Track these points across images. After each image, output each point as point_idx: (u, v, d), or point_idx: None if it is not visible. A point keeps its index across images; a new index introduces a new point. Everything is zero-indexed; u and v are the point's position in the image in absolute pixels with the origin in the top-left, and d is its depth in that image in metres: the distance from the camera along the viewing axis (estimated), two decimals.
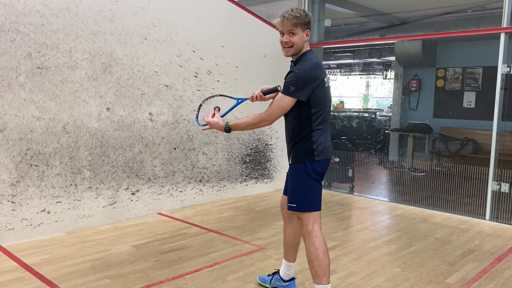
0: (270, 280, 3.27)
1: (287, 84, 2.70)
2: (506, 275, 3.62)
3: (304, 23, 2.73)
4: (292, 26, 2.72)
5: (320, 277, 2.76)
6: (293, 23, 2.72)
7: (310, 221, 2.78)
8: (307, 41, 2.82)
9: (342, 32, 8.87)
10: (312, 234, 2.77)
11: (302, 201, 2.77)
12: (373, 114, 10.99)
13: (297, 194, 2.79)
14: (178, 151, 5.38)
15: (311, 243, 2.77)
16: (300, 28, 2.73)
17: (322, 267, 2.76)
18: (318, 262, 2.76)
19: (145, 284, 3.28)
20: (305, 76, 2.67)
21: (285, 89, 2.71)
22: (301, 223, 2.82)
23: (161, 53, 5.10)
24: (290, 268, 3.21)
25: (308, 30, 2.78)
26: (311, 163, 2.78)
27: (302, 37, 2.75)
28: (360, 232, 4.72)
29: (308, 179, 2.78)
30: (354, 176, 6.85)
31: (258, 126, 2.87)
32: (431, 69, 8.92)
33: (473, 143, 7.97)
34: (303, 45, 2.79)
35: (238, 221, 5.02)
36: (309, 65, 2.71)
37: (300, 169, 2.79)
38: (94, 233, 4.42)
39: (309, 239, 2.78)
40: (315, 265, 2.77)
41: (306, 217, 2.78)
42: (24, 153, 4.09)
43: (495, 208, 5.29)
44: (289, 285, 3.21)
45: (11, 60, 3.96)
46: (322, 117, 2.78)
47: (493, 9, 6.63)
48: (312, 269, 2.79)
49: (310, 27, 2.79)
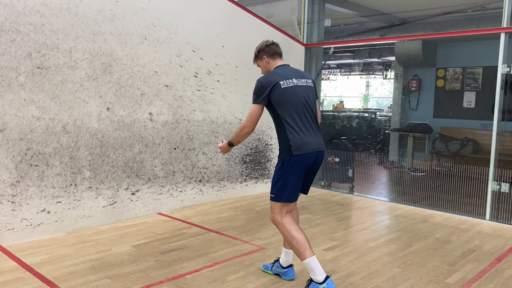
0: (271, 267, 3.52)
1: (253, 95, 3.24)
2: (506, 275, 3.62)
3: (256, 55, 3.41)
4: (254, 62, 3.48)
5: (303, 252, 3.03)
6: (253, 59, 3.46)
7: (281, 211, 3.15)
8: (270, 63, 3.35)
9: (342, 32, 8.87)
10: (282, 221, 3.14)
11: (276, 192, 3.15)
12: (373, 114, 10.99)
13: (273, 185, 3.18)
14: (178, 151, 5.38)
15: (283, 228, 3.14)
16: (258, 59, 3.41)
17: (300, 243, 3.05)
18: (295, 240, 3.06)
19: (145, 284, 3.28)
20: (259, 85, 3.17)
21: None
22: (272, 212, 3.20)
23: (161, 53, 5.10)
24: (289, 255, 3.43)
25: (264, 56, 3.35)
26: (289, 157, 3.10)
27: (263, 63, 3.38)
28: (360, 232, 4.72)
29: (284, 173, 3.12)
30: (354, 176, 6.85)
31: (243, 134, 3.25)
32: (431, 69, 8.92)
33: (473, 143, 7.97)
34: (269, 68, 3.35)
35: (238, 221, 5.02)
36: (266, 76, 3.25)
37: (278, 164, 3.17)
38: (94, 233, 4.42)
39: (280, 225, 3.16)
40: (294, 244, 3.07)
41: (277, 206, 3.16)
42: (24, 153, 4.09)
43: (495, 208, 5.29)
44: (287, 271, 3.44)
45: (11, 60, 3.96)
46: (291, 114, 3.11)
47: (493, 9, 6.63)
48: (294, 249, 3.09)
49: (264, 53, 3.35)
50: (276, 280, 3.40)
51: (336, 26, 8.48)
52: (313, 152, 3.14)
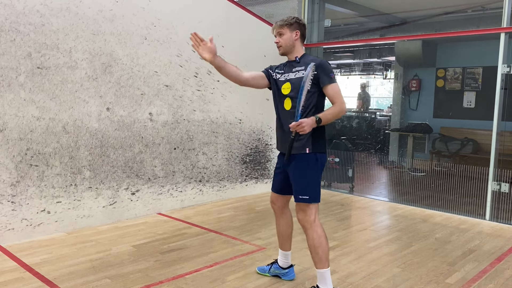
0: (269, 269, 3.45)
1: (328, 73, 2.93)
2: (506, 275, 3.62)
3: (289, 23, 3.05)
4: (279, 28, 3.08)
5: (324, 261, 2.95)
6: (279, 25, 3.08)
7: (316, 212, 2.99)
8: (298, 42, 3.08)
9: (342, 32, 8.87)
10: (317, 223, 2.98)
11: (315, 192, 2.97)
12: (373, 114, 10.99)
13: (308, 184, 2.98)
14: (178, 151, 5.38)
15: (315, 230, 2.96)
16: (287, 28, 3.05)
17: (325, 252, 2.96)
18: (322, 248, 2.94)
19: (145, 284, 3.28)
20: (329, 65, 2.97)
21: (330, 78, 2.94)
22: (306, 214, 2.99)
23: (161, 53, 5.10)
24: (288, 257, 3.40)
25: (297, 32, 3.06)
26: (322, 154, 3.03)
27: (290, 36, 3.05)
28: (360, 232, 4.72)
29: (319, 171, 3.03)
30: (354, 176, 6.85)
31: (340, 115, 3.02)
32: (431, 69, 8.92)
33: (473, 143, 7.97)
34: (294, 44, 3.07)
35: (238, 221, 5.02)
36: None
37: (311, 159, 2.98)
38: (94, 233, 4.42)
39: (313, 227, 2.96)
40: (319, 252, 2.94)
41: (314, 207, 2.99)
42: (24, 153, 4.09)
43: (495, 208, 5.29)
44: (288, 271, 3.40)
45: (11, 60, 3.96)
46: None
47: (493, 9, 6.63)
48: (317, 255, 2.96)
49: (299, 29, 3.07)
50: (276, 280, 3.40)
51: (336, 26, 8.47)
52: (282, 153, 3.15)
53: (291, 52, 3.10)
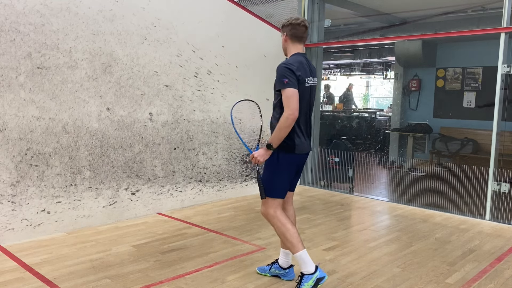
0: (269, 269, 3.46)
1: (279, 78, 3.01)
2: (506, 275, 3.62)
3: (281, 27, 3.20)
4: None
5: (296, 244, 3.03)
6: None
7: (273, 205, 3.12)
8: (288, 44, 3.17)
9: (342, 32, 8.87)
10: (276, 214, 3.10)
11: (272, 187, 3.16)
12: (373, 114, 11.00)
13: (267, 180, 3.23)
14: (178, 151, 5.38)
15: (277, 221, 3.08)
16: (281, 32, 3.22)
17: (294, 236, 3.04)
18: (290, 233, 3.04)
19: (145, 284, 3.28)
20: (287, 69, 2.99)
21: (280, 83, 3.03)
22: (265, 206, 3.15)
23: (161, 53, 5.10)
24: (288, 256, 3.38)
25: (285, 33, 3.17)
26: (289, 154, 3.15)
27: (283, 40, 3.21)
28: (360, 232, 4.72)
29: (280, 169, 3.17)
30: (354, 176, 6.84)
31: (288, 124, 2.96)
32: (431, 69, 8.92)
33: (473, 143, 7.97)
34: (285, 46, 3.21)
35: (238, 221, 5.02)
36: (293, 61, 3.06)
37: (273, 158, 3.16)
38: (94, 233, 4.42)
39: (274, 219, 3.10)
40: (288, 237, 3.04)
41: (270, 201, 3.13)
42: (24, 153, 4.09)
43: (495, 208, 5.29)
44: (288, 272, 3.40)
45: (11, 60, 3.96)
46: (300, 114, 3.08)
47: (493, 9, 6.63)
48: (287, 242, 3.06)
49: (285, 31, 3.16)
50: (275, 280, 3.40)
51: (336, 26, 8.47)
52: (307, 153, 3.25)
53: (286, 54, 3.24)
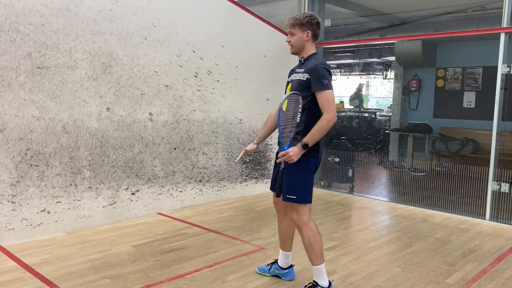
0: (269, 269, 3.46)
1: (320, 79, 2.87)
2: (506, 275, 3.62)
3: (300, 23, 2.98)
4: (290, 27, 3.02)
5: (319, 257, 3.03)
6: (291, 24, 3.01)
7: (308, 212, 3.03)
8: (308, 43, 3.01)
9: (342, 32, 8.87)
10: (310, 223, 3.02)
11: (306, 193, 3.01)
12: (373, 114, 10.99)
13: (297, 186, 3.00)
14: (178, 151, 5.38)
15: (308, 229, 3.01)
16: (299, 29, 2.99)
17: (320, 248, 3.03)
18: (317, 244, 3.01)
19: (145, 284, 3.28)
20: (326, 69, 2.92)
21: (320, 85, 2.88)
22: (299, 214, 3.02)
23: (161, 53, 5.10)
24: (288, 257, 3.40)
25: (309, 32, 2.99)
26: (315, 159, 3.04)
27: (301, 37, 2.99)
28: (360, 232, 4.72)
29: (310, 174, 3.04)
30: (354, 176, 6.84)
31: (329, 126, 2.91)
32: (431, 69, 8.92)
33: (473, 143, 7.97)
34: (304, 45, 3.02)
35: (238, 221, 5.02)
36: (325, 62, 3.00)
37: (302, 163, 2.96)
38: (94, 233, 4.42)
39: (306, 227, 3.01)
40: (315, 248, 3.00)
41: (305, 208, 3.02)
42: (24, 153, 4.09)
43: (495, 208, 5.29)
44: (288, 272, 3.41)
45: (11, 60, 3.96)
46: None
47: (493, 9, 6.63)
48: (313, 253, 3.02)
49: (311, 29, 3.00)
50: (275, 280, 3.40)
51: (336, 26, 8.47)
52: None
53: (301, 52, 3.06)
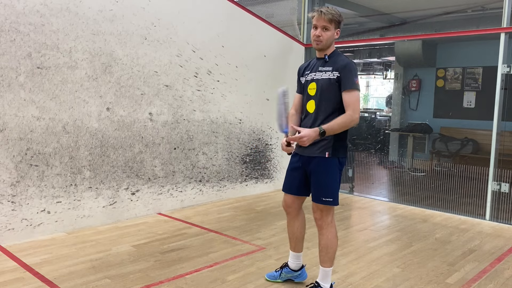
0: (280, 274, 3.35)
1: (353, 78, 2.83)
2: (506, 275, 3.62)
3: (337, 22, 2.92)
4: (327, 22, 2.87)
5: (331, 260, 3.03)
6: (329, 19, 2.87)
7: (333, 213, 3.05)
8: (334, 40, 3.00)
9: (342, 32, 8.81)
10: (334, 223, 3.04)
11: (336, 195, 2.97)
12: (373, 114, 10.99)
13: (331, 187, 2.95)
14: (178, 151, 5.38)
15: (331, 230, 3.01)
16: (334, 25, 2.91)
17: (335, 252, 3.04)
18: (334, 248, 3.01)
19: (145, 284, 3.28)
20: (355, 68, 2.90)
21: (352, 84, 2.83)
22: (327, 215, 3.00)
23: (161, 53, 5.10)
24: (299, 258, 3.33)
25: (338, 29, 2.97)
26: (343, 158, 3.00)
27: (333, 34, 2.93)
28: (360, 232, 4.72)
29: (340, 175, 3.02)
30: (354, 176, 6.85)
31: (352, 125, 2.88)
32: (431, 69, 8.92)
33: (473, 143, 7.97)
34: (332, 42, 2.97)
35: (238, 221, 5.02)
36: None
37: (333, 162, 2.94)
38: (94, 233, 4.42)
39: (330, 227, 3.01)
40: (330, 251, 3.00)
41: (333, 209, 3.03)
42: (24, 153, 4.09)
43: (495, 208, 5.29)
44: (301, 273, 3.35)
45: (11, 60, 3.96)
46: None
47: (493, 9, 6.63)
48: (327, 255, 3.00)
49: (339, 26, 2.98)
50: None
51: None
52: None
53: (326, 49, 2.97)
